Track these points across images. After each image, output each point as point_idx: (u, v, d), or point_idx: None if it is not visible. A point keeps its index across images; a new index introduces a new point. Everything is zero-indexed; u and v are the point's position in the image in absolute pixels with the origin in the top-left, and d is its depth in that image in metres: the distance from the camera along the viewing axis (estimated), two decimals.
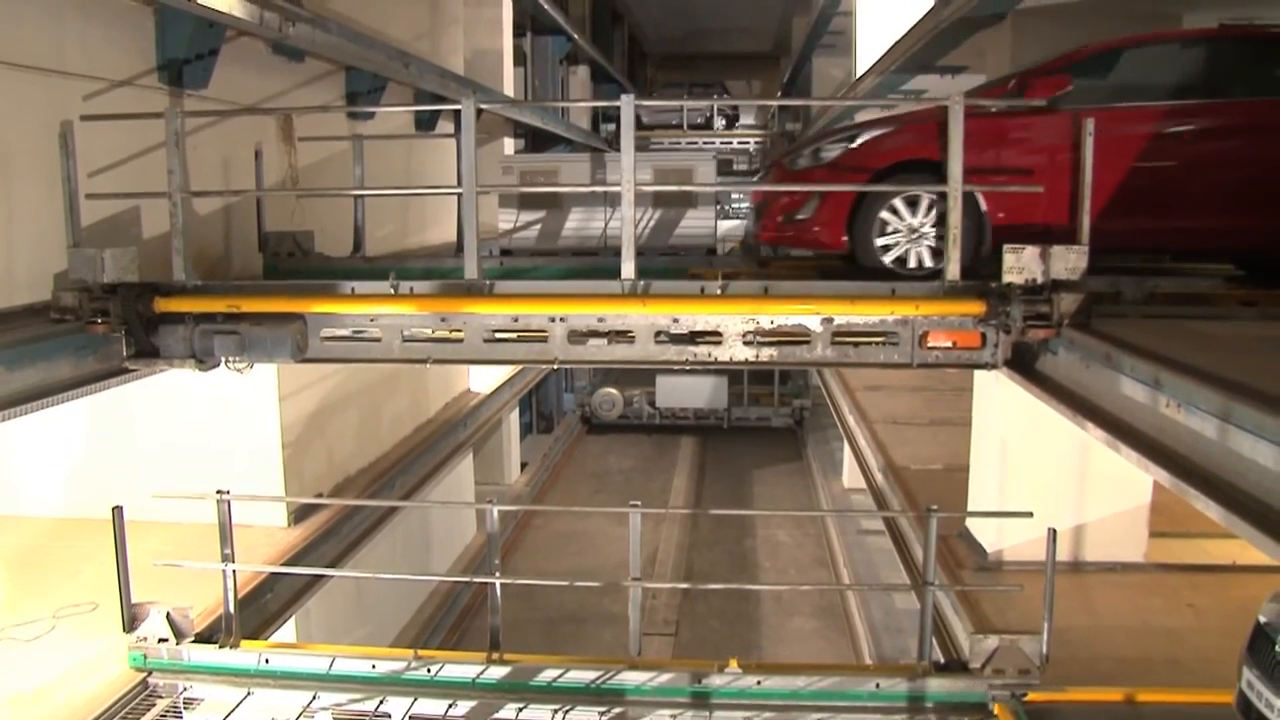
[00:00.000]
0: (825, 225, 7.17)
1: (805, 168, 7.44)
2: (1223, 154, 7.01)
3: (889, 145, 7.17)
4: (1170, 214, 7.03)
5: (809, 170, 7.40)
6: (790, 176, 7.61)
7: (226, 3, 7.48)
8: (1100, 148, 6.24)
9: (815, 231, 7.27)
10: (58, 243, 6.60)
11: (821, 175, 7.29)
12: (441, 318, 6.73)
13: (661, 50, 40.48)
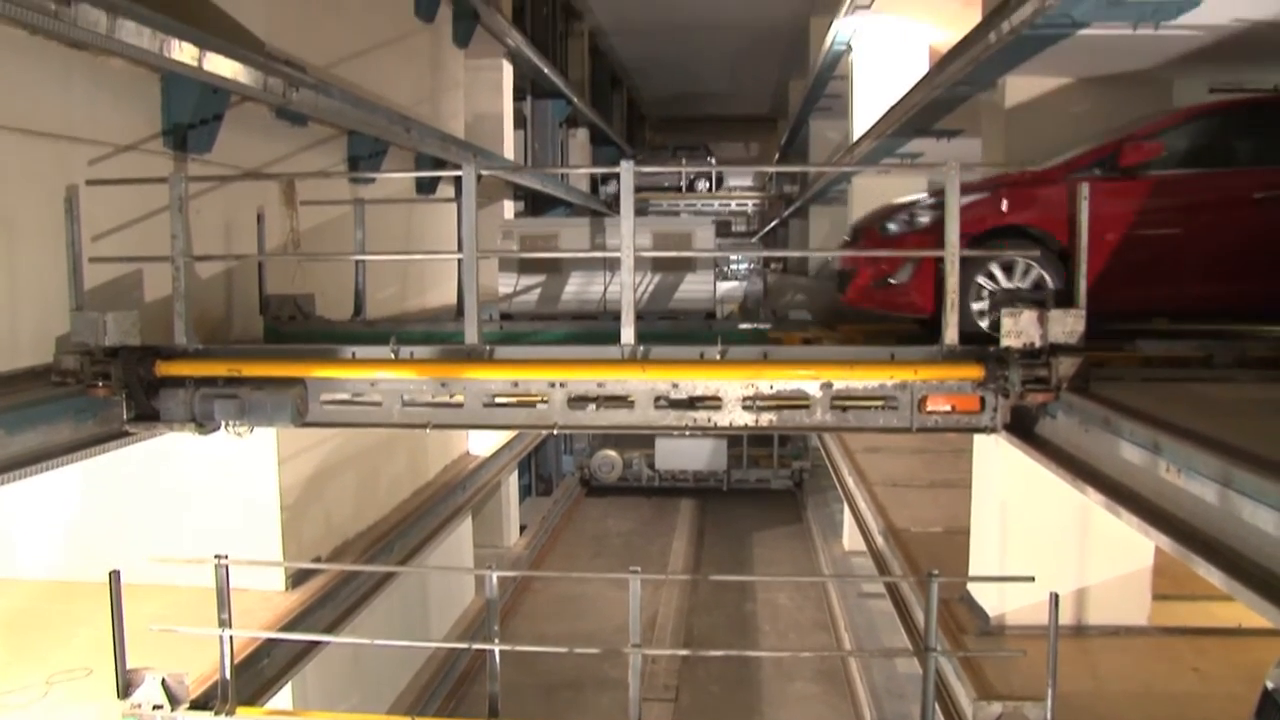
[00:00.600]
0: (920, 290, 7.26)
1: (898, 233, 7.54)
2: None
3: (984, 211, 7.25)
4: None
5: (902, 236, 7.47)
6: (882, 242, 7.70)
7: (232, 69, 7.61)
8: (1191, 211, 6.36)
9: (910, 296, 7.37)
10: (61, 305, 6.64)
11: (916, 241, 7.37)
12: (442, 383, 6.75)
13: (660, 113, 40.90)
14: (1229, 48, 8.19)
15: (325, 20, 10.60)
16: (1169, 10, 7.10)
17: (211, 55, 7.33)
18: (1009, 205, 7.28)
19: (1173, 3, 7.01)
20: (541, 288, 9.18)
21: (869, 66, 18.24)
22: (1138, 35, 7.43)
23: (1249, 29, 7.67)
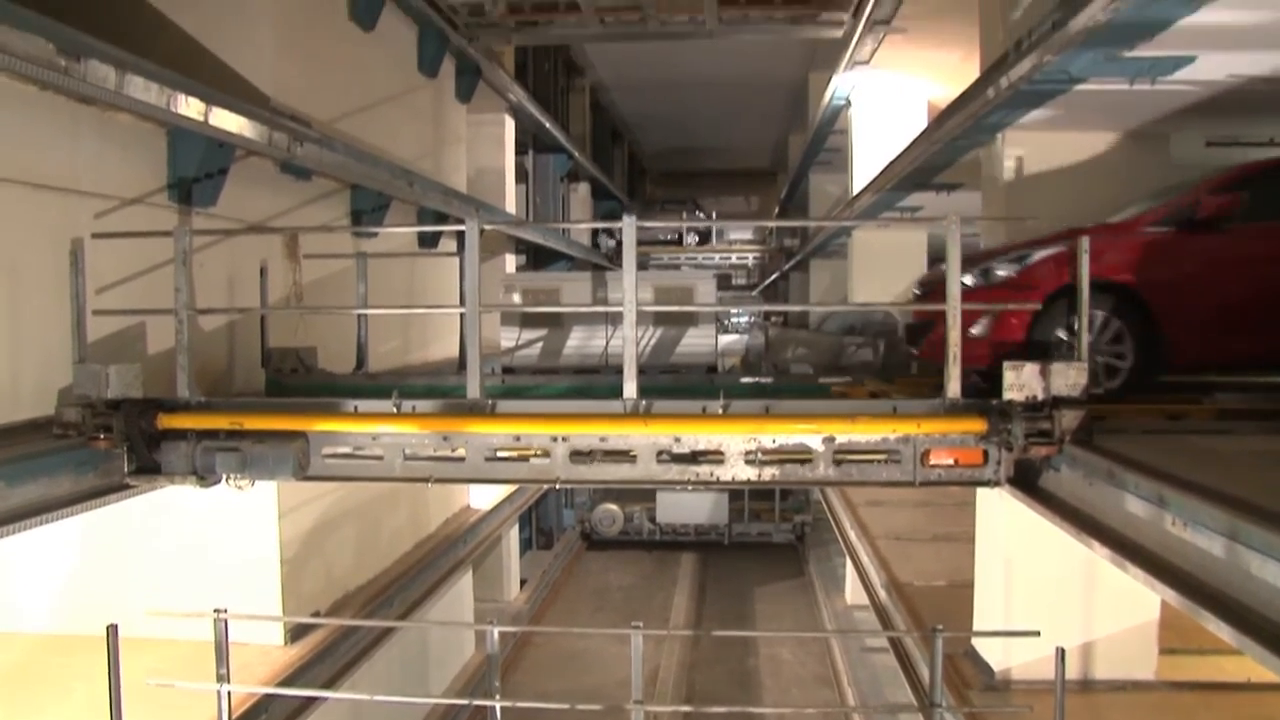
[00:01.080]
0: (1000, 344, 7.24)
1: (975, 286, 7.54)
2: None
3: (1064, 265, 7.25)
4: None
5: (979, 289, 7.50)
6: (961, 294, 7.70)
7: (237, 123, 7.68)
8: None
9: (988, 350, 7.32)
10: (63, 357, 6.66)
11: (994, 294, 7.37)
12: (444, 437, 6.73)
13: (660, 167, 41.18)
14: (1224, 103, 8.27)
15: (330, 75, 10.71)
16: (1165, 66, 7.17)
17: (218, 110, 7.39)
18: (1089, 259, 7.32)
19: (1168, 59, 7.08)
20: (543, 341, 9.20)
21: (868, 121, 18.38)
22: (1135, 90, 7.49)
23: (1243, 84, 7.75)
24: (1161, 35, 6.52)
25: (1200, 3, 5.97)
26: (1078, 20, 6.39)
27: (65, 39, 5.89)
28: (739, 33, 15.96)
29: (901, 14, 13.50)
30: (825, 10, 14.66)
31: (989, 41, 9.60)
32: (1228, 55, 7.09)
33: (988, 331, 7.32)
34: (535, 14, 14.96)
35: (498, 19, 14.76)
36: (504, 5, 14.43)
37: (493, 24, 14.94)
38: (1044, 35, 7.01)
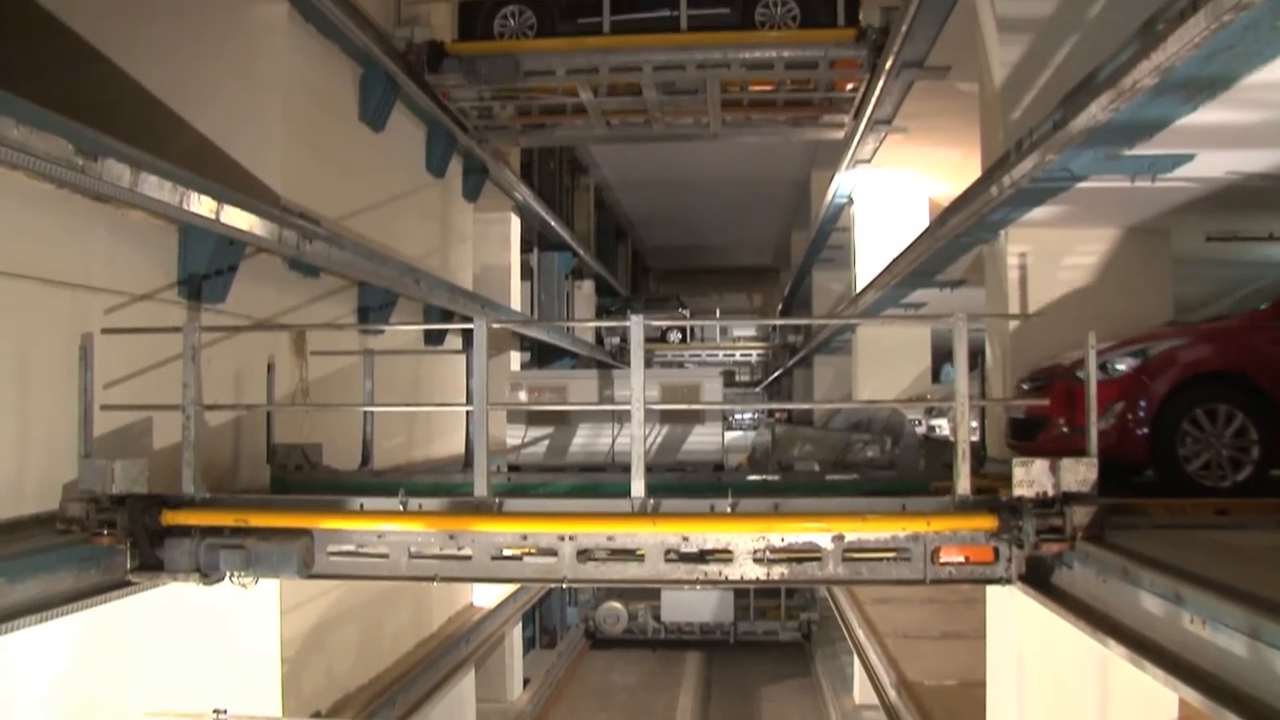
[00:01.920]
0: (1124, 436, 7.26)
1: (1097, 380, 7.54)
2: None
3: (1188, 357, 7.33)
4: None
5: (1101, 383, 7.48)
6: (1077, 389, 7.69)
7: (248, 221, 7.78)
8: None
9: (1112, 444, 7.26)
10: (69, 452, 6.65)
11: (1116, 387, 7.38)
12: (450, 535, 6.67)
13: (663, 264, 41.54)
14: (1223, 198, 8.37)
15: (339, 174, 10.87)
16: (1165, 164, 7.28)
17: (229, 208, 7.50)
18: (1214, 351, 7.38)
19: (1168, 157, 7.19)
20: (549, 439, 9.17)
21: (871, 218, 18.59)
22: (1136, 187, 7.58)
23: (1241, 180, 7.85)
24: (1161, 134, 6.62)
25: (1198, 103, 6.07)
26: (1078, 120, 6.50)
27: (84, 139, 6.01)
28: (742, 135, 16.19)
29: (903, 114, 13.72)
30: (826, 113, 14.83)
31: (989, 140, 9.74)
32: (1226, 153, 7.20)
33: (1112, 425, 7.30)
34: (542, 117, 15.23)
35: (506, 122, 15.06)
36: (512, 109, 14.67)
37: (501, 127, 15.27)
38: (1045, 135, 7.12)
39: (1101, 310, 9.28)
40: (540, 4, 12.97)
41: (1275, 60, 5.31)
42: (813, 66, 13.07)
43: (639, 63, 12.77)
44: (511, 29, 12.96)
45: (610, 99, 14.06)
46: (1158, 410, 7.13)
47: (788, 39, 12.57)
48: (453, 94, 13.50)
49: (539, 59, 12.89)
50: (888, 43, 11.69)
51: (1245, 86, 5.72)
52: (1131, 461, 7.56)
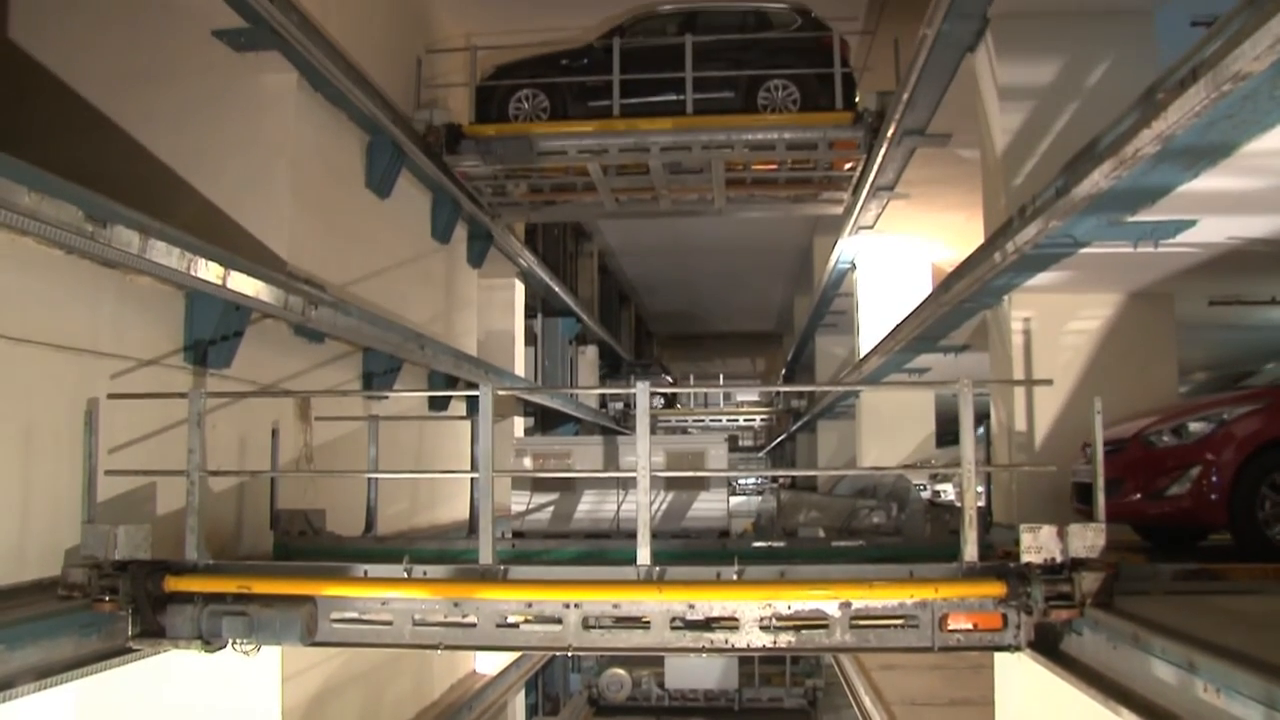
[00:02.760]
0: (1203, 502, 7.23)
1: (1171, 445, 7.55)
2: None
3: (1266, 420, 7.31)
4: None
5: (1177, 447, 7.50)
6: (1152, 453, 7.69)
7: (255, 287, 7.82)
8: None
9: (1189, 508, 7.31)
10: (72, 517, 6.62)
11: (1193, 451, 7.37)
12: (455, 603, 6.61)
13: (666, 329, 41.63)
14: (1225, 263, 8.41)
15: (345, 241, 10.95)
16: (1167, 230, 7.32)
17: (235, 274, 7.54)
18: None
19: (1170, 223, 7.23)
20: (554, 506, 9.13)
21: (874, 284, 18.68)
22: (1138, 253, 7.62)
23: (1243, 245, 7.90)
24: (1163, 201, 6.67)
25: (1199, 170, 6.13)
26: (1081, 188, 6.55)
27: (94, 206, 6.06)
28: (745, 211, 16.81)
29: (905, 180, 13.84)
30: (826, 190, 15.24)
31: (992, 206, 9.83)
32: (1227, 219, 7.25)
33: (1190, 489, 7.28)
34: (554, 194, 15.68)
35: (519, 198, 15.52)
36: (525, 186, 15.15)
37: (514, 203, 15.72)
38: (1048, 201, 7.18)
39: (1107, 375, 9.30)
40: (553, 88, 13.50)
41: (1275, 128, 5.37)
42: (812, 147, 13.58)
43: (647, 144, 13.28)
44: (526, 111, 13.50)
45: (619, 177, 14.53)
46: (1236, 474, 7.10)
47: (788, 122, 13.10)
48: (469, 172, 13.99)
49: (552, 140, 13.38)
50: (889, 110, 11.85)
51: (1245, 154, 5.77)
52: (1207, 526, 7.63)
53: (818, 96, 13.13)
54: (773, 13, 13.63)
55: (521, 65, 13.77)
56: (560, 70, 13.63)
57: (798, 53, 13.36)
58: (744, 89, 13.19)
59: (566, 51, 13.78)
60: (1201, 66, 4.90)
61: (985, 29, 9.54)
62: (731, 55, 13.31)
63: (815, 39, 13.32)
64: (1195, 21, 8.71)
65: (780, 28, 13.55)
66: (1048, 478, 8.55)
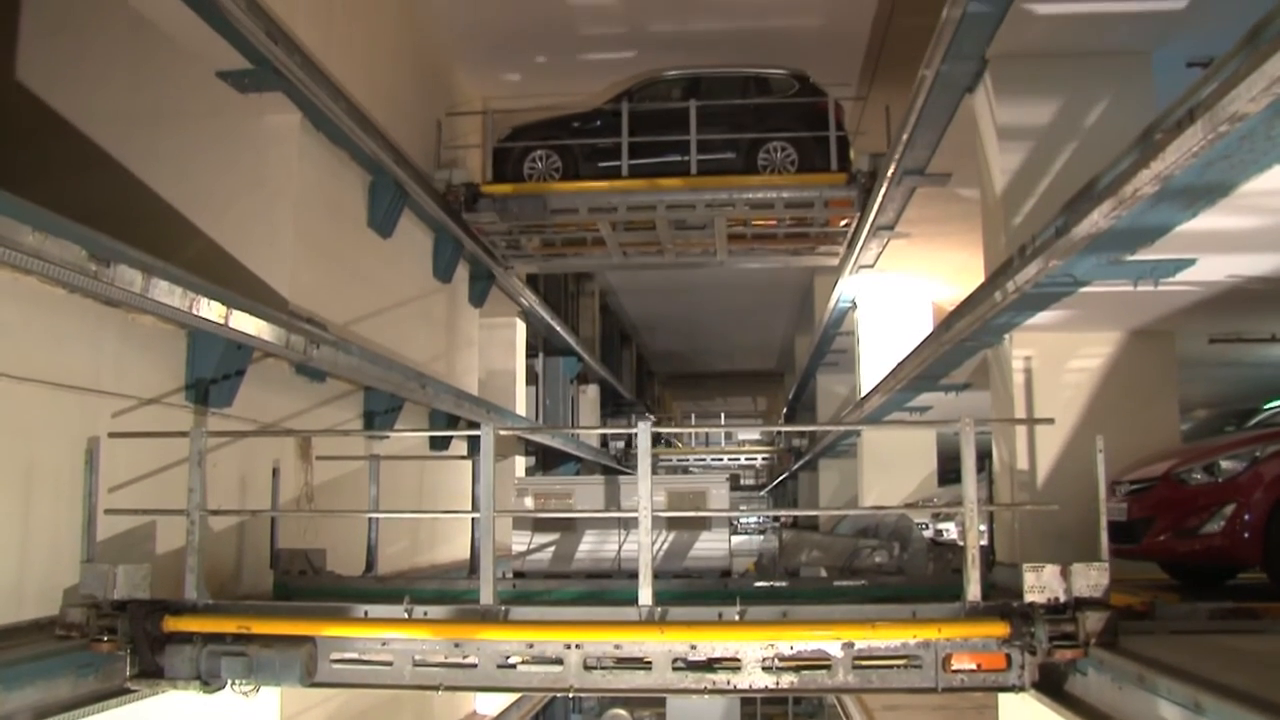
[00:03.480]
0: (1237, 540, 7.18)
1: (1203, 482, 7.52)
2: None
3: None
4: None
5: (1209, 485, 7.47)
6: (1184, 491, 7.65)
7: (257, 326, 7.83)
8: None
9: (1223, 546, 7.26)
10: (71, 557, 6.60)
11: (1226, 490, 7.33)
12: (455, 644, 6.58)
13: (667, 368, 41.63)
14: (1225, 301, 8.43)
15: (347, 280, 10.98)
16: (1166, 269, 7.34)
17: (238, 313, 7.55)
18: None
19: (1170, 262, 7.26)
20: (555, 546, 9.09)
21: (874, 322, 18.73)
22: (1139, 291, 7.64)
23: (1243, 284, 7.92)
24: (1162, 240, 6.70)
25: (1197, 210, 6.16)
26: (1080, 227, 6.58)
27: (97, 245, 6.08)
28: (746, 263, 17.59)
29: (905, 219, 13.92)
30: (822, 244, 16.11)
31: (992, 246, 9.86)
32: (1226, 257, 7.28)
33: (1225, 527, 7.23)
34: (564, 248, 16.52)
35: (532, 252, 16.35)
36: (538, 241, 16.00)
37: (527, 255, 16.54)
38: (1048, 241, 7.21)
39: (1108, 413, 9.30)
40: (565, 149, 14.23)
41: (1272, 168, 5.40)
42: (809, 205, 14.33)
43: (654, 202, 14.09)
44: (539, 171, 14.24)
45: (627, 233, 15.40)
46: (1270, 512, 7.05)
47: (787, 182, 13.85)
48: (485, 228, 14.77)
49: (564, 199, 14.14)
50: (889, 150, 11.95)
51: (1243, 193, 5.81)
52: (1241, 564, 7.56)
53: (814, 158, 13.84)
54: (772, 78, 14.36)
55: (535, 127, 14.48)
56: (572, 132, 14.34)
57: (796, 116, 14.11)
58: (745, 150, 13.90)
59: (578, 114, 14.53)
60: (1199, 107, 4.94)
61: (984, 70, 9.62)
62: (733, 118, 14.06)
63: (812, 104, 14.06)
64: (1191, 63, 8.78)
65: (779, 92, 14.29)
66: (1051, 516, 8.53)
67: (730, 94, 14.24)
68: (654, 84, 14.51)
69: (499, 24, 14.26)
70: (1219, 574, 8.40)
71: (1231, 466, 7.42)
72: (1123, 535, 8.03)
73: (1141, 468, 8.27)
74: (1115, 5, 8.74)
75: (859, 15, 13.91)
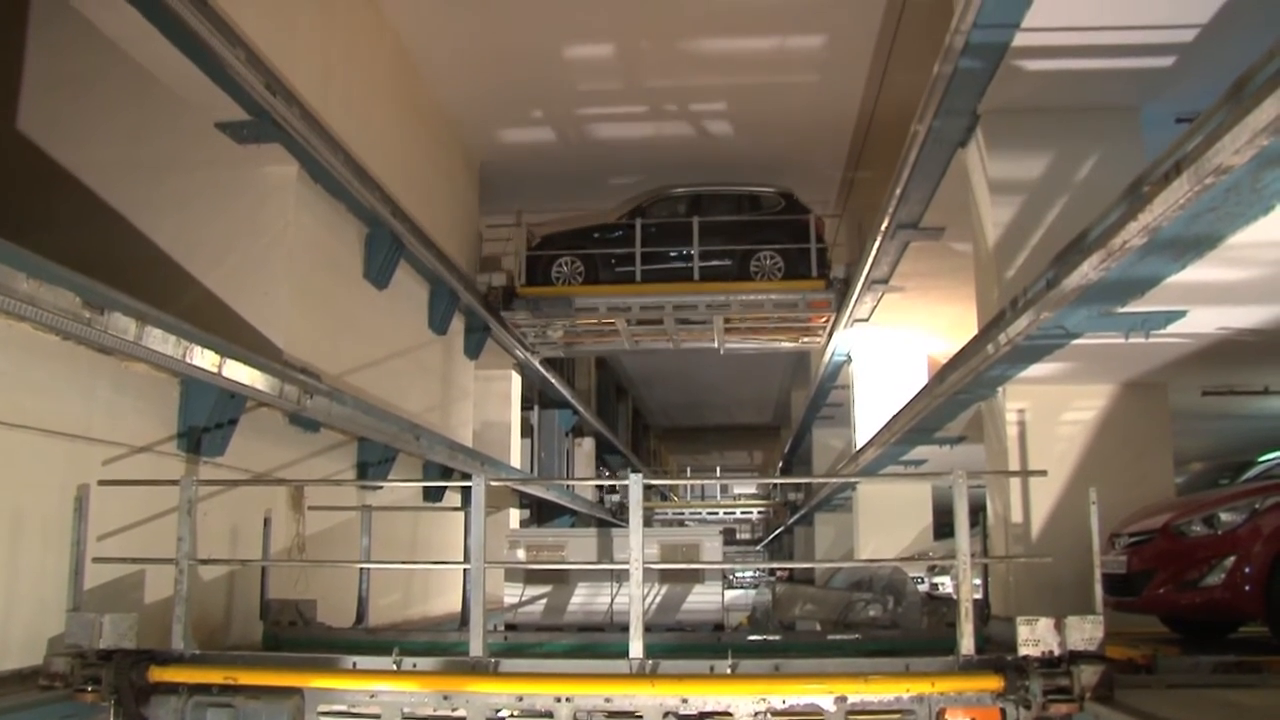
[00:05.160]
0: (1238, 592, 7.12)
1: (1203, 535, 7.49)
2: None
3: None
4: None
5: (1208, 537, 7.43)
6: (1183, 543, 7.61)
7: (250, 376, 7.83)
8: None
9: (1224, 599, 7.20)
10: (58, 605, 6.55)
11: (1227, 542, 7.29)
12: (444, 696, 6.49)
13: (664, 422, 41.57)
14: (1216, 353, 8.46)
15: (342, 331, 11.00)
16: (1157, 321, 7.38)
17: (231, 362, 7.56)
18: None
19: (1160, 314, 7.29)
20: (547, 598, 9.04)
21: (869, 376, 18.72)
22: (1130, 343, 7.67)
23: (1234, 336, 7.95)
24: (1152, 292, 6.73)
25: (1186, 262, 6.20)
26: (1071, 279, 6.61)
27: (92, 293, 6.10)
28: (739, 349, 19.71)
29: (900, 273, 13.99)
30: (804, 336, 18.57)
31: (985, 299, 9.90)
32: (1216, 309, 7.31)
33: (1226, 579, 7.17)
34: (584, 337, 18.75)
35: (556, 341, 18.62)
36: (562, 331, 18.08)
37: (552, 344, 18.79)
38: (1039, 293, 7.23)
39: (1102, 466, 9.28)
40: (588, 257, 16.52)
41: (1258, 220, 5.44)
42: (794, 306, 16.64)
43: (662, 303, 16.45)
44: (565, 275, 16.54)
45: (639, 326, 17.73)
46: (1271, 563, 6.99)
47: (774, 288, 16.31)
48: (519, 323, 16.95)
49: (587, 300, 16.48)
50: (883, 204, 12.04)
51: (1232, 245, 5.85)
52: (1242, 617, 7.52)
53: (798, 265, 16.24)
54: (763, 196, 16.73)
55: (561, 236, 16.82)
56: (593, 241, 16.67)
57: (782, 229, 16.42)
58: (739, 259, 16.26)
59: (598, 225, 16.83)
60: (1185, 160, 4.99)
61: (975, 125, 9.70)
62: (729, 231, 16.36)
63: (797, 220, 16.43)
64: (1180, 118, 8.86)
65: (769, 208, 16.66)
66: (1046, 569, 8.49)
67: (727, 209, 16.58)
68: (662, 199, 16.79)
69: (497, 79, 14.47)
70: (1220, 627, 8.34)
71: (1231, 519, 7.39)
72: (1122, 588, 7.99)
73: (1140, 520, 8.24)
74: (1105, 62, 8.84)
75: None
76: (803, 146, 16.57)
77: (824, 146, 16.13)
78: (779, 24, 12.99)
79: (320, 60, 10.45)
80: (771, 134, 16.27)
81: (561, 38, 13.52)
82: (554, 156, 16.99)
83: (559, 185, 18.24)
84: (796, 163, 16.99)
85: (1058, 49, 8.51)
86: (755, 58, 13.96)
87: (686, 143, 16.60)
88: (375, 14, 12.35)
